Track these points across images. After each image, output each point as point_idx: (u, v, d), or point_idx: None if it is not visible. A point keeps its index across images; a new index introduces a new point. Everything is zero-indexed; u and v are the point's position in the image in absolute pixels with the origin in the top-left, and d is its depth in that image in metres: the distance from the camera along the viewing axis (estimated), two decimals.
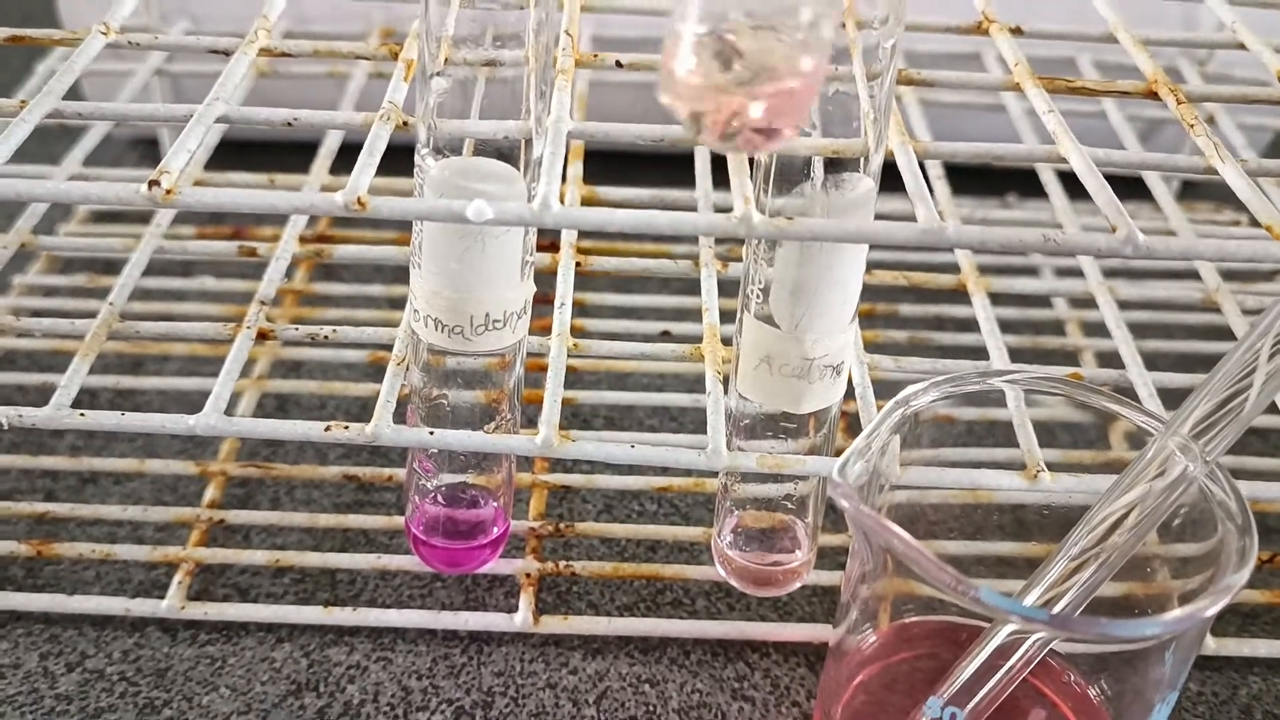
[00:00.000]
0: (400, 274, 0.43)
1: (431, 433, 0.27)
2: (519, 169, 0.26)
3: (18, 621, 0.31)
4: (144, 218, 0.41)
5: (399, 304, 0.41)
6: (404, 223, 0.42)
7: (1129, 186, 0.39)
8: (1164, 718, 0.24)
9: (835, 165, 0.25)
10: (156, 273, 0.41)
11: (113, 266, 0.38)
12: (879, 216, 0.27)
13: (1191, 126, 0.28)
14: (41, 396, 0.29)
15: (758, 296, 0.27)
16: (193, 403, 0.37)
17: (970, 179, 0.46)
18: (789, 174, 0.25)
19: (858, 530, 0.24)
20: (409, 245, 0.27)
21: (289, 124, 0.28)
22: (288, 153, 0.46)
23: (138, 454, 0.36)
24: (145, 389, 0.38)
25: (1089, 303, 0.39)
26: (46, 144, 0.43)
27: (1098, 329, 0.39)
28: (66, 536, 0.33)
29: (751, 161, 0.25)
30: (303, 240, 0.38)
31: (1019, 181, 0.48)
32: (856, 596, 0.26)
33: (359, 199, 0.24)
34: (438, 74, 0.24)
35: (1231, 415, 0.23)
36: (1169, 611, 0.21)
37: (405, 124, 0.27)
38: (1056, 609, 0.24)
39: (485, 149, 0.25)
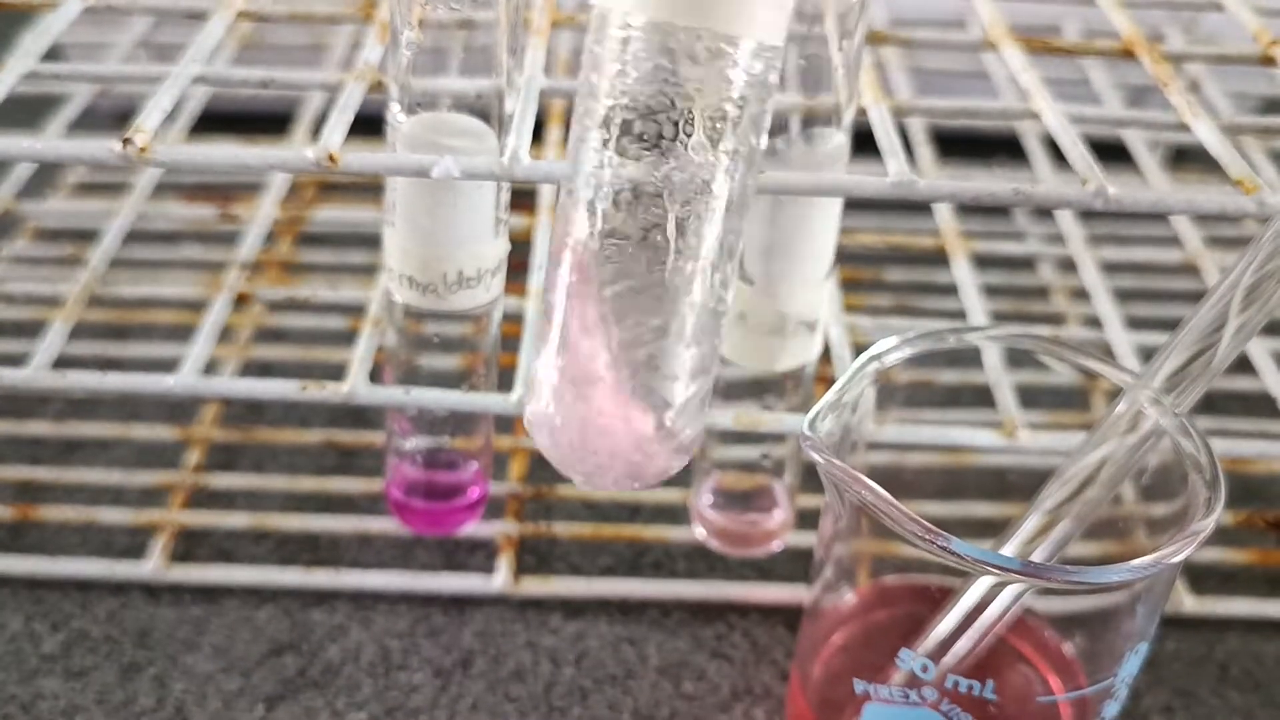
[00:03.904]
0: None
1: (407, 391, 0.28)
2: (494, 127, 0.26)
3: (3, 584, 0.31)
4: (128, 189, 0.41)
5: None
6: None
7: (1116, 156, 0.39)
8: (1135, 667, 0.24)
9: (808, 121, 0.25)
10: (141, 243, 0.42)
11: (97, 238, 0.38)
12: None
13: (1166, 85, 0.28)
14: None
15: None
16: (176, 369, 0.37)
17: (957, 149, 0.46)
18: None
19: (830, 485, 0.24)
20: None
21: (265, 85, 0.28)
22: (271, 127, 0.46)
23: (122, 419, 0.36)
24: (129, 357, 0.38)
25: (1075, 269, 0.39)
26: (29, 115, 0.43)
27: (1085, 295, 0.39)
28: (51, 500, 0.34)
29: None
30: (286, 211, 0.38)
31: (1007, 151, 0.48)
32: (831, 554, 0.26)
33: (330, 154, 0.24)
34: (409, 32, 0.24)
35: (1202, 367, 0.23)
36: (1137, 558, 0.21)
37: (380, 84, 0.27)
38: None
39: (460, 108, 0.25)
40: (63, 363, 0.30)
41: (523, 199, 0.36)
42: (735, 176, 0.18)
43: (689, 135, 0.17)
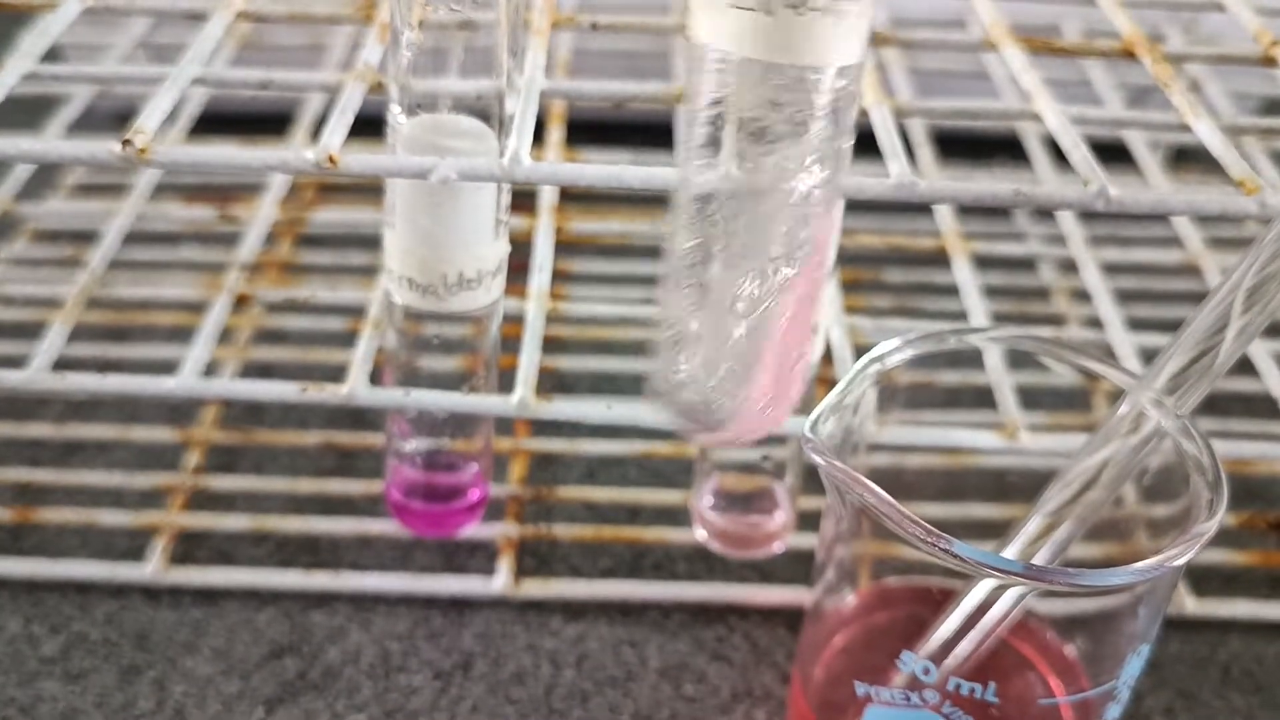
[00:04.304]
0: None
1: (407, 393, 0.28)
2: (494, 129, 0.26)
3: (2, 587, 0.31)
4: (127, 190, 0.41)
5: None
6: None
7: (1117, 157, 0.39)
8: (1137, 669, 0.24)
9: None
10: (140, 244, 0.42)
11: (96, 239, 0.38)
12: None
13: (1167, 85, 0.28)
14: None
15: None
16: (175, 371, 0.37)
17: (958, 149, 0.46)
18: None
19: (831, 487, 0.24)
20: None
21: (264, 86, 0.28)
22: (271, 128, 0.46)
23: (121, 421, 0.36)
24: (129, 359, 0.38)
25: (1076, 270, 0.39)
26: (28, 116, 0.43)
27: (1086, 296, 0.39)
28: (50, 503, 0.34)
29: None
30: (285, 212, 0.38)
31: (1008, 152, 0.48)
32: (832, 556, 0.26)
33: (330, 156, 0.24)
34: (409, 33, 0.24)
35: (1204, 369, 0.23)
36: (1139, 561, 0.21)
37: (380, 85, 0.27)
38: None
39: (460, 109, 0.25)
40: (62, 364, 0.30)
41: (523, 200, 0.36)
42: (824, 180, 0.20)
43: (781, 148, 0.19)
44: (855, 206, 0.43)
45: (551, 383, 0.39)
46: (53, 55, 0.29)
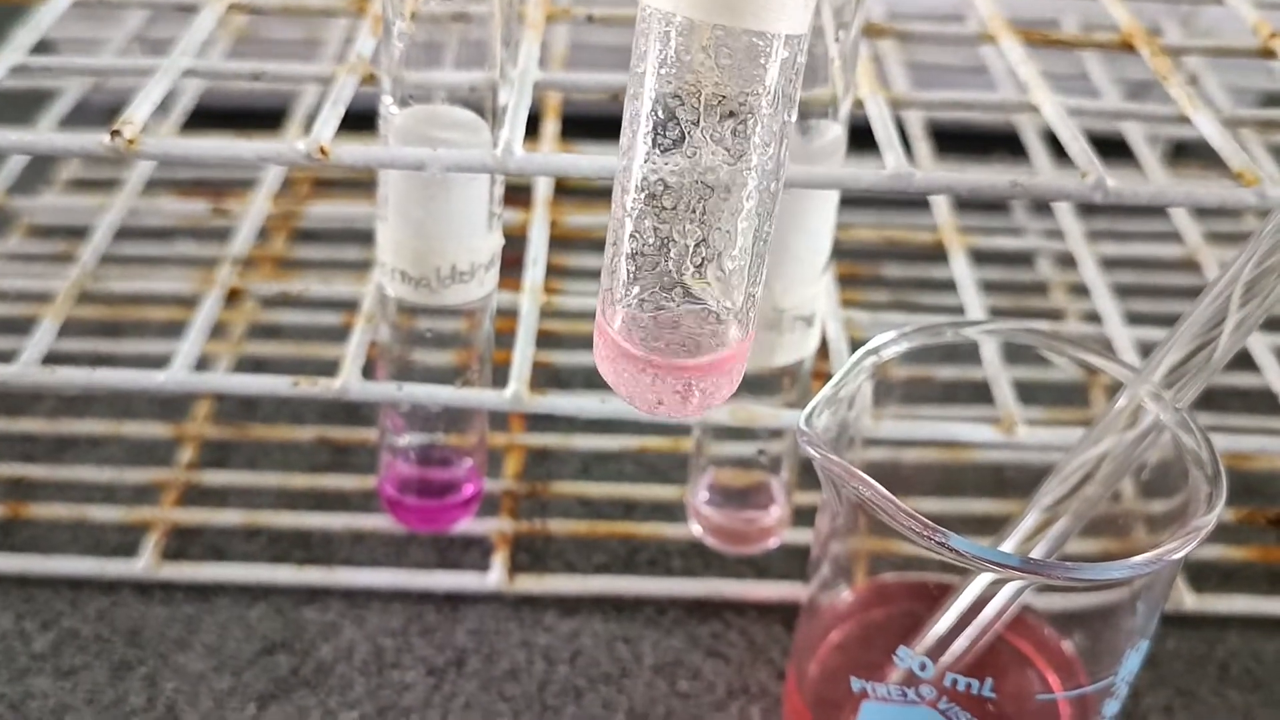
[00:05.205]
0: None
1: (400, 387, 0.27)
2: (488, 120, 0.25)
3: None
4: (120, 185, 0.41)
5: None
6: None
7: (1115, 152, 0.39)
8: (1135, 665, 0.24)
9: (804, 113, 0.25)
10: (133, 238, 0.41)
11: (89, 234, 0.38)
12: None
13: (1166, 78, 0.28)
14: None
15: None
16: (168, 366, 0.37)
17: (955, 145, 0.46)
18: None
19: (827, 481, 0.24)
20: None
21: (256, 78, 0.28)
22: (266, 123, 0.45)
23: (114, 416, 0.36)
24: (121, 353, 0.38)
25: (1074, 264, 0.39)
26: (21, 112, 0.43)
27: (1084, 291, 0.39)
28: (42, 498, 0.33)
29: None
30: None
31: (1006, 147, 0.48)
32: (828, 551, 0.26)
33: (321, 147, 0.23)
34: (401, 24, 0.24)
35: (1202, 362, 0.23)
36: (1137, 555, 0.21)
37: (373, 77, 0.26)
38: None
39: (454, 100, 0.25)
40: (54, 359, 0.29)
41: (517, 193, 0.36)
42: (768, 157, 0.19)
43: (726, 123, 0.18)
44: (852, 200, 0.42)
45: (546, 377, 0.38)
46: (46, 50, 0.29)
